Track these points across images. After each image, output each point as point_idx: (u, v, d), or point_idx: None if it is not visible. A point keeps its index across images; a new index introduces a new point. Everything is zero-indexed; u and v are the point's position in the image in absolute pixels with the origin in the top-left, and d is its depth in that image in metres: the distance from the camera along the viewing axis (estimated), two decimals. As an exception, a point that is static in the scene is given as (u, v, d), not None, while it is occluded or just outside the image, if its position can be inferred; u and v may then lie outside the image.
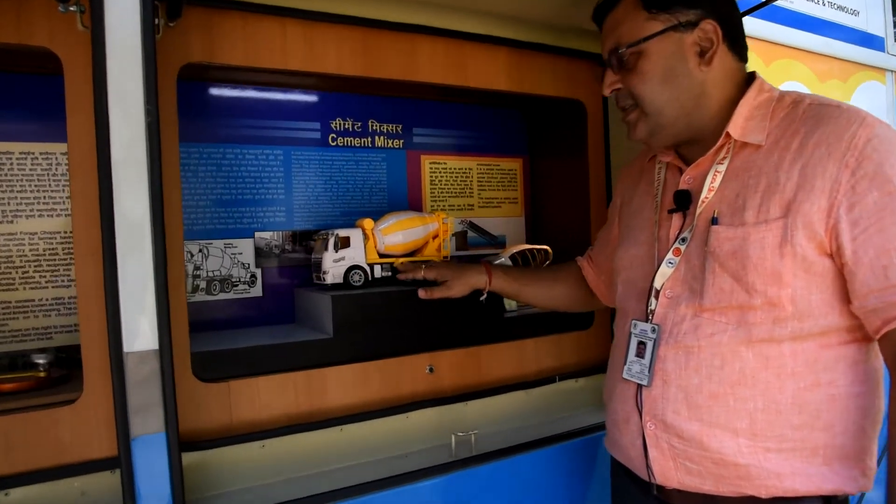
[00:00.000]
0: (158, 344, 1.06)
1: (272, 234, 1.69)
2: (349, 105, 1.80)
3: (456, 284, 1.45)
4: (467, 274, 1.45)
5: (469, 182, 2.02)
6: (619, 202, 1.35)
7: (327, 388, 1.41)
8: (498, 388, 1.62)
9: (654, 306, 1.09)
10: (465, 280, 1.45)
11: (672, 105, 1.07)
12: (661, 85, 1.06)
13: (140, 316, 1.05)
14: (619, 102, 1.15)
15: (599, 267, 1.43)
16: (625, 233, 1.26)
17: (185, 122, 1.58)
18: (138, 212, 1.04)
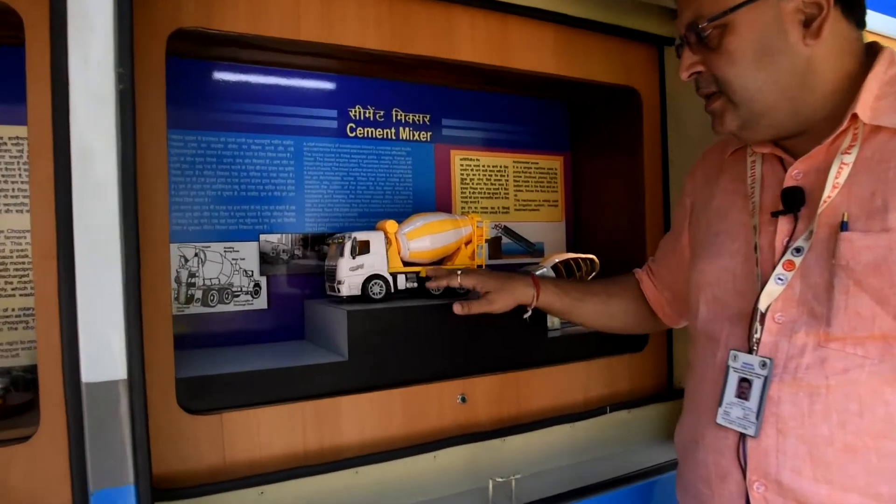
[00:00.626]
0: (127, 372, 0.83)
1: (280, 237, 1.46)
2: (370, 91, 1.58)
3: (499, 298, 1.21)
4: (512, 286, 1.22)
5: (504, 181, 1.78)
6: (691, 203, 1.11)
7: (341, 421, 1.19)
8: (540, 420, 1.38)
9: (760, 334, 0.87)
10: (509, 293, 1.21)
11: (769, 90, 0.85)
12: (754, 66, 0.85)
13: (104, 337, 0.82)
14: (701, 88, 0.93)
15: (662, 281, 1.20)
16: (706, 241, 1.02)
17: (181, 106, 1.38)
18: (104, 207, 0.82)
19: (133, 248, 0.83)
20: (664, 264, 1.19)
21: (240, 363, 1.20)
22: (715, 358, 0.93)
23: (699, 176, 1.11)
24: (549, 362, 1.44)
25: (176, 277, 1.36)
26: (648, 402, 1.55)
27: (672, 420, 1.60)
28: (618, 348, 1.57)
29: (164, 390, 1.04)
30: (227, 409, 1.10)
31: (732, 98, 0.87)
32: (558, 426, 1.41)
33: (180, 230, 1.37)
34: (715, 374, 0.92)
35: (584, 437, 1.45)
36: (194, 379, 1.09)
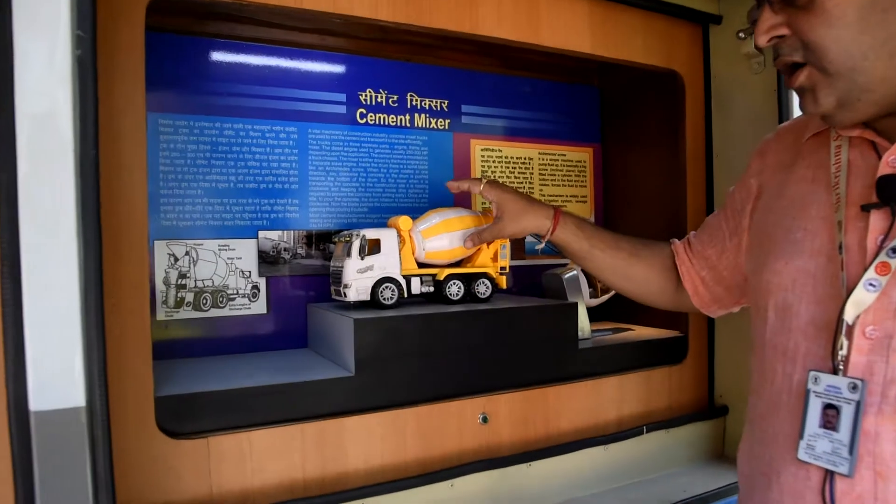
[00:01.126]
0: (87, 398, 0.69)
1: (281, 234, 1.32)
2: (383, 72, 1.43)
3: (511, 224, 1.11)
4: (530, 212, 1.10)
5: (529, 175, 1.63)
6: (758, 186, 0.94)
7: (345, 445, 1.04)
8: (571, 443, 1.23)
9: (847, 351, 0.71)
10: (523, 219, 1.10)
11: (877, 57, 0.69)
12: (859, 27, 0.68)
13: (57, 355, 0.68)
14: (782, 56, 0.76)
15: (702, 259, 1.04)
16: (777, 235, 0.86)
17: (172, 87, 1.24)
18: (58, 195, 0.67)
19: (93, 247, 0.68)
20: (710, 243, 1.03)
21: (231, 378, 1.05)
22: (790, 379, 0.77)
23: (771, 157, 0.94)
24: (580, 376, 1.29)
25: (164, 278, 1.22)
26: (689, 420, 1.40)
27: (714, 440, 1.45)
28: (655, 360, 1.41)
29: (141, 411, 0.90)
30: (215, 432, 0.96)
31: (827, 68, 0.70)
32: (590, 448, 1.25)
33: (169, 225, 1.22)
34: (791, 400, 0.76)
35: (619, 461, 1.30)
36: (177, 397, 0.95)
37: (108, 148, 0.86)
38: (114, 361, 0.85)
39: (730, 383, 1.45)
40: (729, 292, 1.00)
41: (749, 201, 0.95)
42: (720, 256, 1.00)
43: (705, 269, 1.03)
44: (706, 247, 1.03)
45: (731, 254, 0.98)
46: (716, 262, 1.01)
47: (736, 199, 0.99)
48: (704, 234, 1.05)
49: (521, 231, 1.11)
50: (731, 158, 1.43)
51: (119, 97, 0.89)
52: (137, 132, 0.90)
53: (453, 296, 1.24)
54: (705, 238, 1.04)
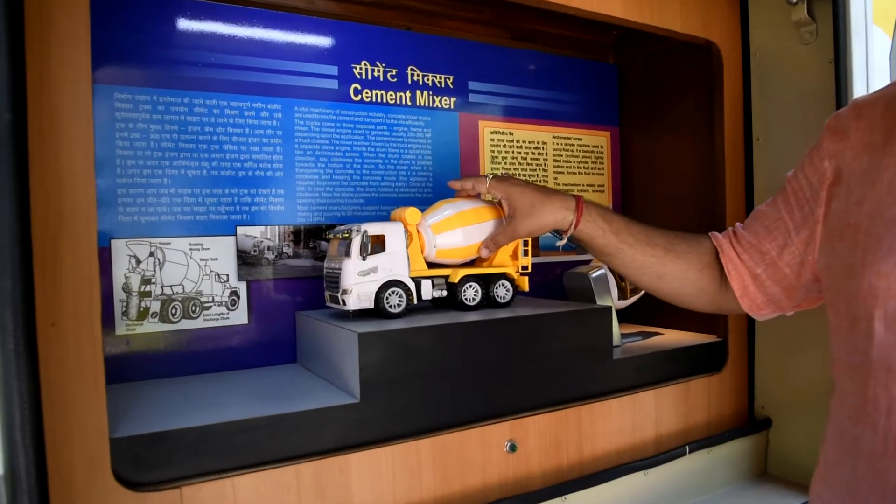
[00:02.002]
0: (6, 463, 0.49)
1: (263, 230, 1.12)
2: (380, 42, 1.24)
3: (526, 223, 0.94)
4: (548, 206, 0.93)
5: (543, 161, 1.45)
6: (834, 169, 0.77)
7: (351, 486, 0.86)
8: (609, 470, 1.06)
9: None
10: (541, 213, 0.93)
11: None
12: None
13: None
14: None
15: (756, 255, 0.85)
16: (876, 230, 0.68)
17: (133, 56, 1.03)
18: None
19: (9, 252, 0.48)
20: (767, 236, 0.85)
21: (208, 408, 0.86)
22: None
23: (854, 136, 0.76)
24: (615, 391, 1.12)
25: (124, 285, 1.01)
26: (730, 436, 1.24)
27: (756, 457, 1.29)
28: (693, 369, 1.25)
29: (93, 458, 0.70)
30: (191, 479, 0.77)
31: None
32: (630, 475, 1.08)
33: (129, 221, 1.02)
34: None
35: (659, 486, 1.13)
36: (139, 438, 0.75)
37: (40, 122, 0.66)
38: (53, 399, 0.65)
39: (773, 393, 1.29)
40: (789, 293, 0.84)
41: (823, 187, 0.78)
42: (782, 252, 0.83)
43: (761, 266, 0.85)
44: (762, 240, 0.85)
45: (798, 249, 0.81)
46: (776, 259, 0.83)
47: (802, 184, 0.82)
48: (758, 226, 0.87)
49: (540, 227, 0.94)
50: (775, 142, 1.27)
51: (56, 60, 0.69)
52: (80, 104, 0.70)
53: (469, 301, 1.06)
54: (760, 230, 0.86)
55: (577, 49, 1.52)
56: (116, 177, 1.01)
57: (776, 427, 1.29)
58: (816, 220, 0.78)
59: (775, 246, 0.83)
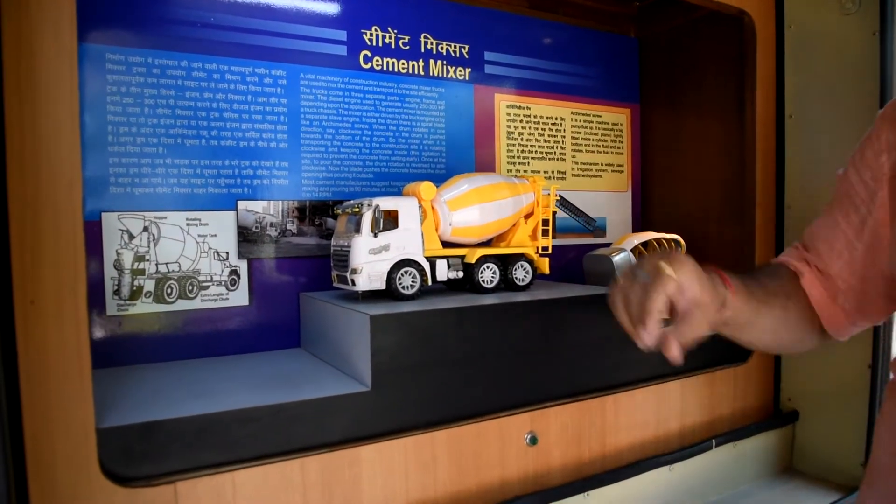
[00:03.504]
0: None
1: (266, 205, 1.05)
2: (392, 7, 1.16)
3: (705, 315, 0.62)
4: (712, 293, 0.64)
5: (560, 138, 1.37)
6: (892, 162, 0.68)
7: (360, 481, 0.80)
8: (633, 464, 1.00)
9: None
10: (712, 304, 0.64)
11: None
12: None
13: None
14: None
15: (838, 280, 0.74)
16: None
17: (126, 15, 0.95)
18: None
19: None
20: (829, 253, 0.74)
21: (206, 395, 0.79)
22: None
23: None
24: (639, 381, 1.05)
25: (115, 261, 0.94)
26: (757, 429, 1.17)
27: (782, 451, 1.23)
28: (719, 358, 1.18)
29: (77, 450, 0.64)
30: (186, 474, 0.70)
31: None
32: (655, 470, 1.02)
33: (122, 193, 0.94)
34: None
35: (685, 481, 1.07)
36: (130, 428, 0.68)
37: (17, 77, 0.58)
38: (32, 384, 0.58)
39: (800, 384, 1.23)
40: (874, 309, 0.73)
41: (881, 185, 0.69)
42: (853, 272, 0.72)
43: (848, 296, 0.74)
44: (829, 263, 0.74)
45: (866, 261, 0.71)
46: (849, 280, 0.73)
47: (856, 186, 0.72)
48: (821, 245, 0.75)
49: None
50: (809, 120, 1.19)
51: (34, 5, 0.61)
52: (63, 56, 0.62)
53: (487, 283, 0.99)
54: (824, 250, 0.74)
55: (597, 21, 1.44)
56: (108, 145, 0.93)
57: (803, 420, 1.22)
58: (879, 223, 0.69)
59: (841, 265, 0.72)
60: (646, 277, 0.58)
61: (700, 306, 0.59)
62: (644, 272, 0.59)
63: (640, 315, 0.59)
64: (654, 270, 0.59)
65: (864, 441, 1.11)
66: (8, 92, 0.60)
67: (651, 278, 0.59)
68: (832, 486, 1.14)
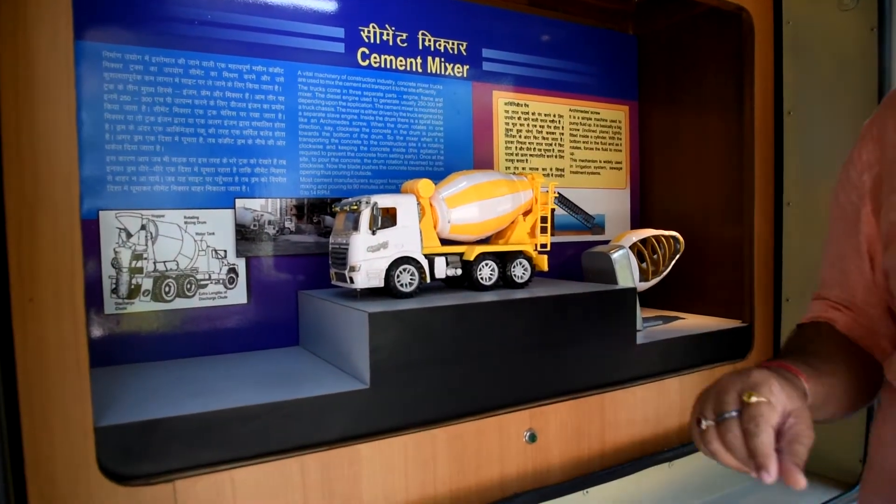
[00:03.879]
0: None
1: (263, 202, 1.05)
2: (390, 4, 1.16)
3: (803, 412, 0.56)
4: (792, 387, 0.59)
5: (559, 135, 1.37)
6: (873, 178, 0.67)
7: (360, 479, 0.80)
8: (633, 462, 1.00)
9: None
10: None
11: None
12: None
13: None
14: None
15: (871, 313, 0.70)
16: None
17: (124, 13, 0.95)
18: None
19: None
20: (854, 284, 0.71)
21: (204, 394, 0.78)
22: None
23: (893, 133, 0.67)
24: (639, 378, 1.05)
25: (113, 260, 0.94)
26: (755, 426, 1.17)
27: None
28: (718, 355, 1.18)
29: (75, 449, 0.63)
30: (185, 472, 0.70)
31: None
32: (654, 467, 1.02)
33: (119, 192, 0.94)
34: None
35: (684, 478, 1.07)
36: (129, 427, 0.68)
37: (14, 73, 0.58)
38: (30, 383, 0.58)
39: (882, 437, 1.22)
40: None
41: (865, 203, 0.67)
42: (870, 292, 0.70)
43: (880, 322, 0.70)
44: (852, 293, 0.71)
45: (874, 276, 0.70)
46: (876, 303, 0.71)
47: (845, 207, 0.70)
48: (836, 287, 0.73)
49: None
50: (808, 116, 1.19)
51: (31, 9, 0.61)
52: (60, 59, 0.62)
53: (485, 280, 0.99)
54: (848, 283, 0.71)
55: (596, 18, 1.44)
56: (105, 143, 0.93)
57: (802, 417, 1.22)
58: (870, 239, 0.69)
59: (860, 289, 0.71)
60: (733, 413, 0.52)
61: (800, 417, 0.54)
62: (728, 407, 0.52)
63: (755, 458, 0.49)
64: (739, 402, 0.52)
65: (863, 438, 1.11)
66: (4, 89, 0.59)
67: (743, 413, 0.52)
68: (830, 482, 1.14)
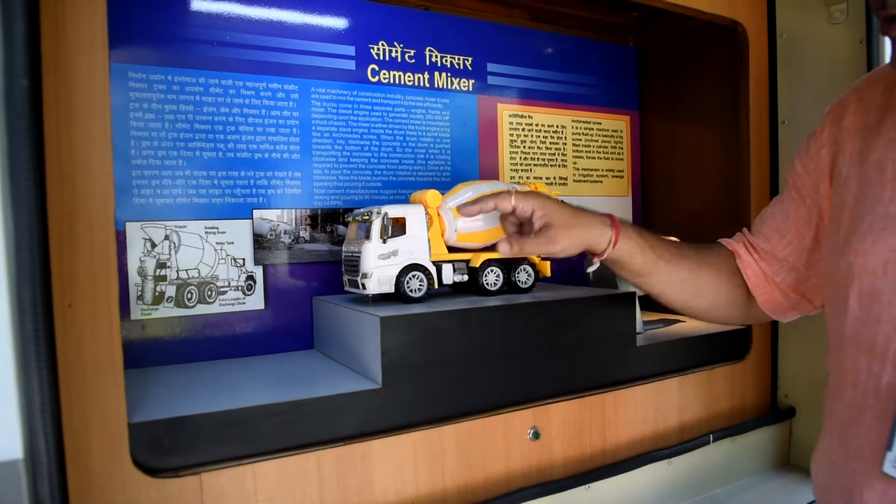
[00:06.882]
0: (25, 447, 0.47)
1: (280, 213, 1.10)
2: (398, 22, 1.21)
3: (564, 236, 0.82)
4: (584, 222, 0.82)
5: (562, 145, 1.42)
6: (831, 156, 0.76)
7: (373, 473, 0.84)
8: (633, 458, 1.04)
9: None
10: (579, 231, 0.82)
11: None
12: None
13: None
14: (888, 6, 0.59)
15: (775, 261, 0.82)
16: (861, 210, 0.68)
17: (147, 35, 1.01)
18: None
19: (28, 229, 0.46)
20: (780, 242, 0.82)
21: (227, 393, 0.84)
22: (878, 379, 0.61)
23: (850, 119, 0.74)
24: (639, 378, 1.09)
25: (139, 269, 1.00)
26: (754, 425, 1.21)
27: (780, 447, 1.26)
28: (716, 356, 1.22)
29: (111, 443, 0.68)
30: (210, 466, 0.75)
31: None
32: (654, 464, 1.06)
33: (144, 204, 1.00)
34: (879, 403, 0.61)
35: (683, 475, 1.11)
36: (158, 423, 0.73)
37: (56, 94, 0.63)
38: (69, 382, 0.63)
39: (797, 381, 1.27)
40: (813, 294, 0.81)
41: (823, 179, 0.76)
42: (797, 254, 0.80)
43: (780, 273, 0.82)
44: (775, 246, 0.82)
45: (812, 247, 0.79)
46: (795, 264, 0.81)
47: (802, 178, 0.79)
48: (768, 230, 0.83)
49: (578, 244, 0.82)
50: (801, 126, 1.23)
51: (70, 28, 0.66)
52: (97, 74, 0.67)
53: (491, 285, 1.04)
54: (771, 234, 0.83)
55: (597, 31, 1.49)
56: (131, 158, 0.99)
57: (800, 416, 1.26)
58: (823, 210, 0.77)
59: (790, 250, 0.81)
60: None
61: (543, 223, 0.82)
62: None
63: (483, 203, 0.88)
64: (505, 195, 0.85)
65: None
66: (47, 110, 0.65)
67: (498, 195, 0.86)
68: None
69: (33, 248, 0.48)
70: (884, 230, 0.61)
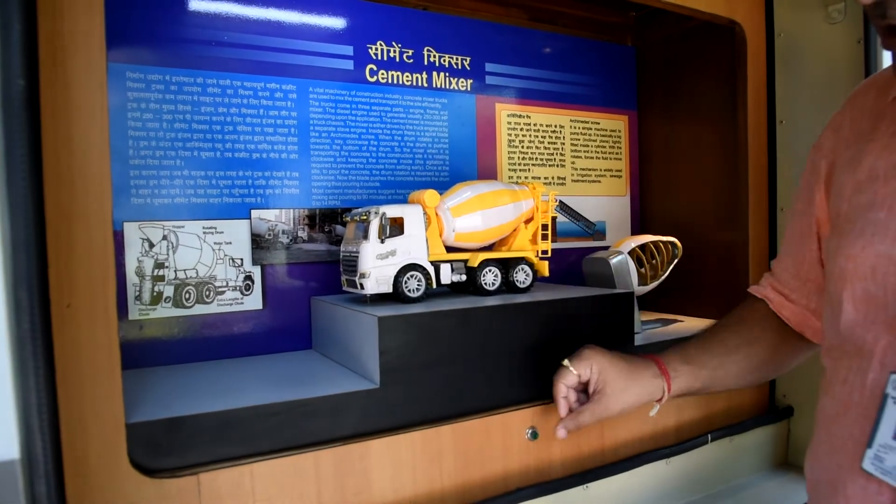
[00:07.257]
0: (22, 446, 0.47)
1: (278, 213, 1.10)
2: (396, 22, 1.21)
3: (619, 398, 0.82)
4: (638, 378, 0.83)
5: (560, 145, 1.42)
6: (828, 166, 0.77)
7: (371, 473, 0.84)
8: (631, 458, 1.04)
9: None
10: (630, 395, 0.83)
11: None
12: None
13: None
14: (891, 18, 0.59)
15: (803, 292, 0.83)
16: (854, 214, 0.68)
17: (145, 35, 1.01)
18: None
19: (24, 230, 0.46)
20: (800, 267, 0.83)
21: (225, 393, 0.84)
22: (865, 378, 0.63)
23: (847, 128, 0.76)
24: (637, 379, 1.09)
25: (136, 269, 0.99)
26: (752, 425, 1.21)
27: (778, 446, 1.27)
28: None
29: (109, 443, 0.68)
30: (208, 466, 0.75)
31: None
32: (651, 464, 1.06)
33: (142, 204, 1.00)
34: (864, 401, 0.63)
35: (681, 475, 1.11)
36: (156, 423, 0.73)
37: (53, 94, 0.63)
38: (67, 382, 0.63)
39: (795, 381, 1.27)
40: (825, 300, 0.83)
41: (819, 189, 0.77)
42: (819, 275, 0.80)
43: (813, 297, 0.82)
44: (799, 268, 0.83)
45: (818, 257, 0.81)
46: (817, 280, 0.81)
47: (804, 191, 0.81)
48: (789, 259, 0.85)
49: (632, 408, 0.83)
50: (799, 126, 1.23)
51: (68, 28, 0.66)
52: (94, 75, 0.67)
53: (489, 285, 1.04)
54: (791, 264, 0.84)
55: (595, 31, 1.49)
56: (129, 158, 0.99)
57: (798, 416, 1.26)
58: (819, 223, 0.78)
59: (807, 268, 0.81)
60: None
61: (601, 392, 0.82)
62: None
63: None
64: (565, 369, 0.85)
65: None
66: (44, 111, 0.64)
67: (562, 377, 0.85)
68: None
69: (30, 249, 0.48)
70: (873, 235, 0.62)
